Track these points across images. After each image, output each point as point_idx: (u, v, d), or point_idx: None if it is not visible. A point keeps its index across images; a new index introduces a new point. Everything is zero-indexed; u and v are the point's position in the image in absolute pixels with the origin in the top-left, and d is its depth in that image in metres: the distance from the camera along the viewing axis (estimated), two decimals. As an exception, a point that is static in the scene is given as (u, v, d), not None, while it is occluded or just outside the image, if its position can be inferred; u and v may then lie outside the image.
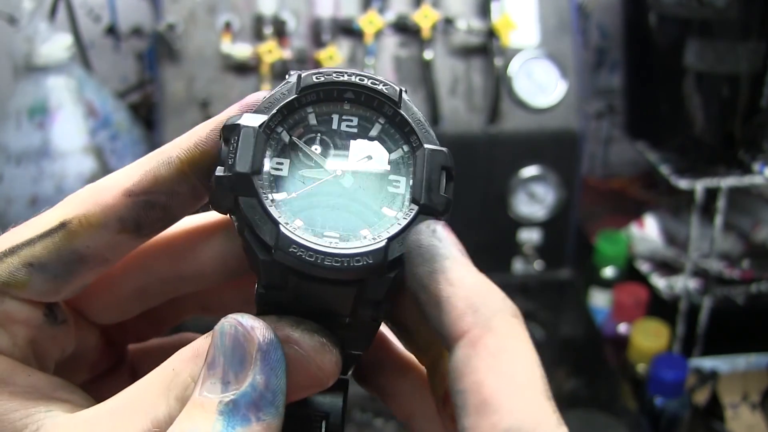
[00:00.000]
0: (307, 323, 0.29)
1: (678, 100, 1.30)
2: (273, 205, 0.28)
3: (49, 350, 0.31)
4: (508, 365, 0.25)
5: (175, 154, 0.30)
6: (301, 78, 0.29)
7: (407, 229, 0.29)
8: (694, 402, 1.23)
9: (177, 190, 0.30)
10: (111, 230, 0.29)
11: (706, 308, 1.30)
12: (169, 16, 1.19)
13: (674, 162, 1.30)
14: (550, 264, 1.29)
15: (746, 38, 1.22)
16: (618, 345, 1.26)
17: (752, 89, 1.25)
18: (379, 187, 0.30)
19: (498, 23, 1.19)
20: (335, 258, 0.28)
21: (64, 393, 0.30)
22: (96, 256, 0.30)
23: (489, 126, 1.22)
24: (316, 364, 0.28)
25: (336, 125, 0.30)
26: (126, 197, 0.29)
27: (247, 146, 0.28)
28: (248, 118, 0.29)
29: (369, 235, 0.29)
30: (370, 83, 0.30)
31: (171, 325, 0.37)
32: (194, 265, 0.32)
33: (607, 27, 1.61)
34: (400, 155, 0.30)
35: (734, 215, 1.41)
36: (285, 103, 0.29)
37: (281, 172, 0.29)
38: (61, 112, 1.19)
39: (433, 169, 0.30)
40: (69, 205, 0.29)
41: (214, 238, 0.32)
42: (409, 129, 0.30)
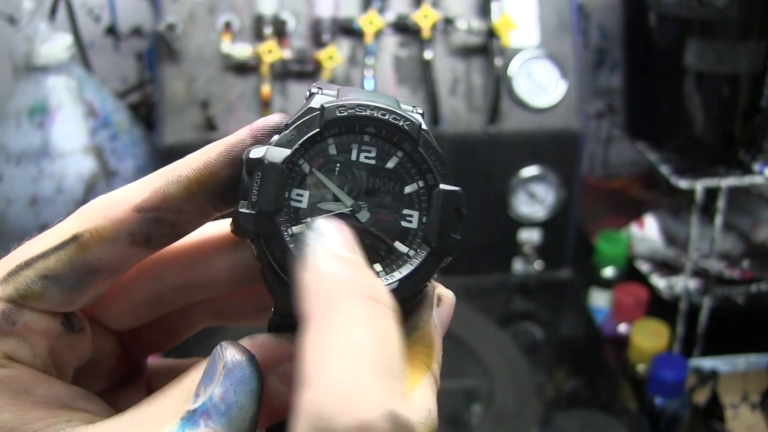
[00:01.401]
0: None
1: (678, 100, 1.30)
2: (292, 241, 0.29)
3: (68, 359, 0.32)
4: (336, 344, 0.25)
5: (184, 174, 0.30)
6: (325, 111, 0.30)
7: (419, 271, 0.30)
8: (694, 402, 1.23)
9: (185, 208, 0.31)
10: (121, 243, 0.30)
11: (706, 308, 1.30)
12: (169, 16, 1.19)
13: (674, 162, 1.30)
14: (550, 264, 1.29)
15: (746, 38, 1.22)
16: (618, 345, 1.26)
17: (752, 89, 1.25)
18: (393, 222, 0.31)
19: (498, 23, 1.19)
20: None
21: (84, 403, 0.30)
22: (107, 267, 0.30)
23: (489, 126, 1.22)
24: None
25: (355, 156, 0.31)
26: (136, 213, 0.30)
27: (271, 183, 0.29)
28: (272, 152, 0.29)
29: (382, 271, 0.30)
30: (391, 119, 0.30)
31: (186, 335, 0.38)
32: (206, 274, 0.33)
33: (607, 27, 1.61)
34: (414, 189, 0.31)
35: (734, 215, 1.41)
36: (308, 138, 0.30)
37: (301, 204, 0.30)
38: (61, 112, 1.19)
39: (446, 211, 0.31)
40: (81, 218, 0.30)
41: (226, 249, 0.33)
42: (426, 167, 0.31)
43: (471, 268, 1.29)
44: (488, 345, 1.15)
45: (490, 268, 1.29)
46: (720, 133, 1.31)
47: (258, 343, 0.30)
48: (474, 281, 1.28)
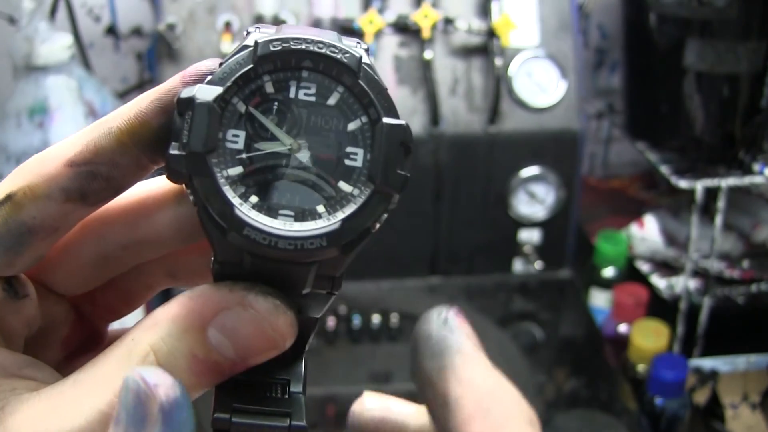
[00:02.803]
0: (261, 286, 0.29)
1: (678, 100, 1.30)
2: (227, 183, 0.28)
3: (14, 326, 0.31)
4: None
5: (115, 125, 0.29)
6: (258, 46, 0.29)
7: (363, 210, 0.29)
8: (694, 402, 1.23)
9: (118, 161, 0.29)
10: (55, 200, 0.29)
11: (706, 308, 1.30)
12: (169, 16, 1.19)
13: (674, 162, 1.30)
14: (550, 264, 1.29)
15: (746, 38, 1.22)
16: (618, 345, 1.26)
17: (752, 89, 1.25)
18: (336, 161, 0.29)
19: (498, 23, 1.19)
20: (289, 240, 0.28)
21: (30, 371, 0.30)
22: (44, 226, 0.29)
23: (489, 126, 1.22)
24: (271, 325, 0.28)
25: (294, 93, 0.29)
26: (68, 167, 0.29)
27: (202, 122, 0.28)
28: (203, 90, 0.28)
29: (324, 212, 0.29)
30: (329, 52, 0.29)
31: (143, 299, 0.36)
32: (151, 230, 0.32)
33: (607, 27, 1.61)
34: (358, 126, 0.29)
35: (734, 215, 1.41)
36: (241, 74, 0.28)
37: (237, 145, 0.29)
38: (61, 112, 1.19)
39: (392, 145, 0.29)
40: (15, 177, 0.29)
41: (168, 203, 0.32)
42: (368, 100, 0.29)
43: (471, 268, 1.29)
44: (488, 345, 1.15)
45: (490, 268, 1.29)
46: (720, 133, 1.31)
47: (197, 294, 0.29)
48: (474, 281, 1.28)
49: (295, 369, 0.31)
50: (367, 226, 0.29)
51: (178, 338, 0.28)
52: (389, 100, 0.29)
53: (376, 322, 1.17)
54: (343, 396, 1.09)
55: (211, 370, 0.28)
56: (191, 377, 0.28)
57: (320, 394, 1.08)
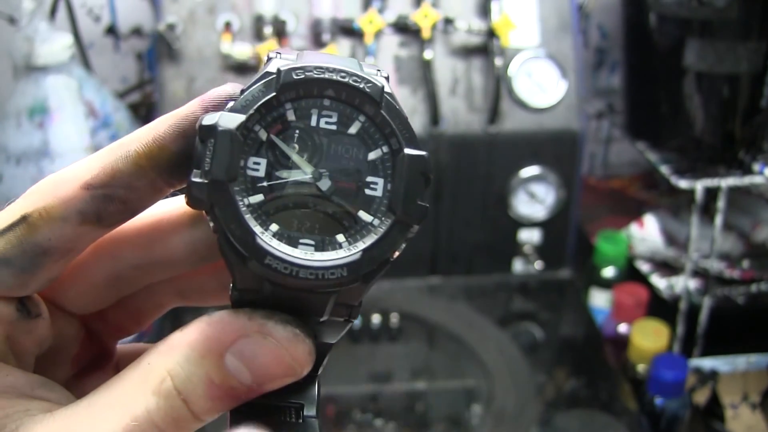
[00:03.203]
0: (281, 315, 0.29)
1: (678, 100, 1.30)
2: (249, 211, 0.28)
3: (27, 346, 0.31)
4: None
5: (133, 148, 0.29)
6: (281, 74, 0.29)
7: (383, 240, 0.29)
8: (694, 402, 1.23)
9: (135, 185, 0.29)
10: (72, 222, 0.29)
11: (706, 308, 1.30)
12: (169, 16, 1.19)
13: (674, 162, 1.30)
14: (550, 264, 1.29)
15: (746, 38, 1.22)
16: (618, 345, 1.26)
17: (752, 89, 1.25)
18: (356, 190, 0.29)
19: (498, 23, 1.19)
20: (310, 270, 0.28)
21: (43, 391, 0.30)
22: (59, 247, 0.29)
23: (489, 126, 1.22)
24: (290, 354, 0.28)
25: (315, 122, 0.29)
26: (85, 190, 0.29)
27: (224, 150, 0.28)
28: (225, 118, 0.28)
29: (345, 242, 0.29)
30: (351, 81, 0.29)
31: (152, 317, 0.36)
32: (165, 252, 0.32)
33: (607, 27, 1.61)
34: (379, 155, 0.29)
35: (734, 215, 1.41)
36: (263, 102, 0.29)
37: (258, 173, 0.29)
38: (61, 112, 1.19)
39: (413, 176, 0.29)
40: (29, 198, 0.29)
41: (184, 225, 0.32)
42: (389, 130, 0.29)
43: (471, 268, 1.29)
44: (488, 345, 1.15)
45: (490, 268, 1.29)
46: (720, 133, 1.31)
47: (215, 320, 0.29)
48: (474, 281, 1.28)
49: (308, 393, 0.32)
50: (387, 257, 0.29)
51: (195, 364, 0.28)
52: (410, 130, 0.29)
53: (376, 322, 1.17)
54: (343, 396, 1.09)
55: (227, 395, 0.28)
56: (207, 402, 0.28)
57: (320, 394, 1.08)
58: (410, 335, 1.19)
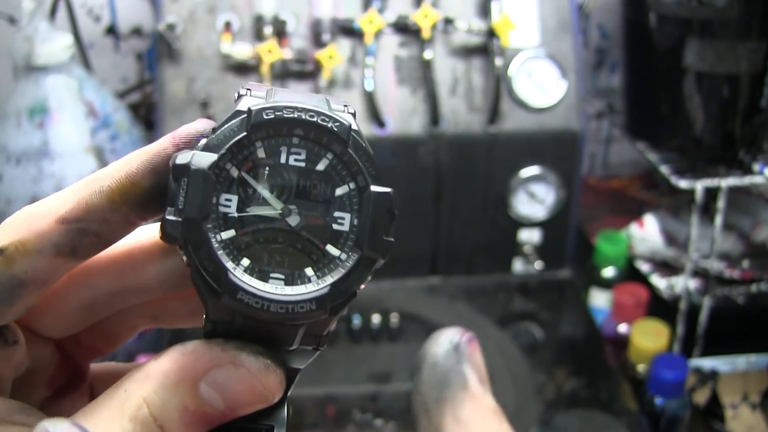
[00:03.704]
0: (253, 346, 0.30)
1: (678, 100, 1.30)
2: (221, 247, 0.29)
3: (4, 372, 0.31)
4: None
5: (107, 184, 0.30)
6: (252, 114, 0.30)
7: (350, 275, 0.30)
8: (694, 402, 1.23)
9: (108, 219, 0.30)
10: (47, 255, 0.30)
11: (706, 308, 1.30)
12: (169, 16, 1.19)
13: (674, 162, 1.30)
14: (550, 264, 1.29)
15: (746, 38, 1.22)
16: (618, 345, 1.26)
17: (752, 89, 1.25)
18: (324, 225, 0.30)
19: (498, 23, 1.19)
20: (280, 304, 0.29)
21: (21, 416, 0.30)
22: (35, 279, 0.30)
23: (489, 126, 1.22)
24: (262, 384, 0.30)
25: (284, 159, 0.30)
26: (59, 224, 0.30)
27: (197, 189, 0.29)
28: (198, 157, 0.29)
29: (313, 275, 0.30)
30: (320, 121, 0.30)
31: (125, 338, 0.37)
32: (138, 280, 0.33)
33: (607, 27, 1.61)
34: (346, 191, 0.30)
35: (734, 215, 1.41)
36: (234, 141, 0.29)
37: (229, 209, 0.30)
38: (61, 112, 1.19)
39: (378, 213, 0.30)
40: (5, 231, 0.30)
41: (156, 254, 0.33)
42: (356, 168, 0.30)
43: (471, 268, 1.29)
44: (488, 345, 1.15)
45: (490, 268, 1.29)
46: (720, 133, 1.31)
47: (189, 350, 0.30)
48: (474, 281, 1.28)
49: (278, 415, 0.33)
50: (353, 290, 0.30)
51: (170, 392, 0.29)
52: (376, 168, 0.30)
53: (376, 322, 1.17)
54: (343, 396, 1.09)
55: (201, 420, 0.30)
56: (182, 428, 0.29)
57: (320, 394, 1.08)
58: (410, 335, 1.19)
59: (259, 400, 0.30)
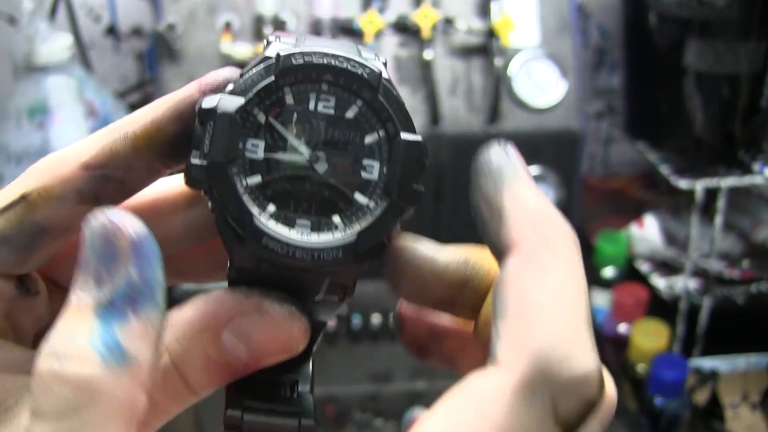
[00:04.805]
0: (277, 293, 0.29)
1: (678, 100, 1.30)
2: (246, 192, 0.29)
3: (26, 323, 0.31)
4: (556, 285, 0.26)
5: (131, 130, 0.30)
6: (280, 59, 0.29)
7: (378, 223, 0.29)
8: (694, 402, 1.23)
9: (133, 165, 0.30)
10: (70, 202, 0.29)
11: (706, 308, 1.30)
12: (169, 16, 1.19)
13: (674, 162, 1.30)
14: (550, 264, 1.29)
15: (746, 38, 1.22)
16: (618, 345, 1.26)
17: (752, 89, 1.25)
18: (352, 173, 0.30)
19: (498, 23, 1.19)
20: (306, 251, 0.29)
21: None
22: (57, 226, 0.30)
23: (489, 126, 1.22)
24: (286, 332, 0.29)
25: (313, 106, 0.30)
26: (83, 170, 0.29)
27: (223, 133, 0.28)
28: (225, 101, 0.28)
29: (340, 223, 0.29)
30: (350, 67, 0.29)
31: None
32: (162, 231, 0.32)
33: (607, 27, 1.61)
34: (375, 139, 0.30)
35: (734, 215, 1.41)
36: (262, 86, 0.29)
37: (256, 155, 0.29)
38: (61, 112, 1.19)
39: (409, 160, 0.30)
40: (29, 177, 0.30)
41: (181, 205, 0.33)
42: (386, 115, 0.30)
43: (471, 268, 1.29)
44: (488, 345, 1.15)
45: (490, 268, 1.29)
46: (720, 133, 1.31)
47: (212, 298, 0.29)
48: (474, 281, 1.28)
49: (303, 369, 0.32)
50: (381, 240, 0.30)
51: (192, 340, 0.28)
52: (407, 116, 0.30)
53: (376, 322, 1.17)
54: (343, 396, 1.09)
55: (224, 370, 0.29)
56: (203, 377, 0.29)
57: (320, 394, 1.08)
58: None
59: (284, 349, 0.29)
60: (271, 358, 0.29)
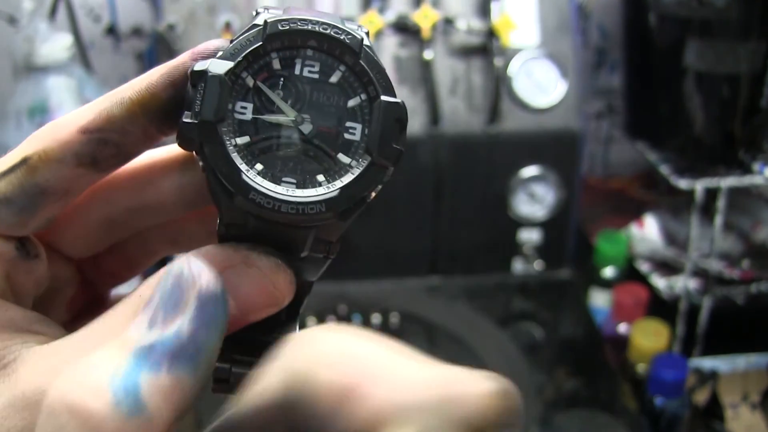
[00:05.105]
0: (264, 247, 0.31)
1: (678, 100, 1.30)
2: (235, 151, 0.30)
3: (25, 285, 0.32)
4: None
5: (127, 95, 0.31)
6: (268, 25, 0.31)
7: (360, 180, 0.31)
8: (694, 402, 1.23)
9: (128, 129, 0.31)
10: (68, 164, 0.31)
11: (706, 308, 1.30)
12: (169, 16, 1.19)
13: (674, 162, 1.30)
14: (550, 264, 1.29)
15: (746, 38, 1.22)
16: (618, 345, 1.26)
17: (752, 89, 1.25)
18: (336, 134, 0.31)
19: (498, 23, 1.19)
20: (291, 205, 0.30)
21: (40, 326, 0.31)
22: (57, 188, 0.31)
23: (489, 126, 1.22)
24: (272, 283, 0.30)
25: (299, 70, 0.31)
26: (81, 134, 0.31)
27: (213, 93, 0.30)
28: (215, 64, 0.30)
29: (324, 180, 0.31)
30: (333, 33, 0.31)
31: (145, 264, 0.38)
32: (156, 196, 0.34)
33: (607, 27, 1.61)
34: (357, 102, 0.31)
35: (734, 215, 1.41)
36: (250, 50, 0.31)
37: (244, 116, 0.31)
38: (61, 112, 1.19)
39: (388, 121, 0.31)
40: (30, 142, 0.31)
41: (173, 171, 0.34)
42: (367, 79, 0.31)
43: (471, 268, 1.29)
44: (488, 345, 1.15)
45: (490, 268, 1.29)
46: (720, 133, 1.31)
47: (202, 253, 0.30)
48: (474, 281, 1.28)
49: (290, 330, 0.34)
50: (363, 195, 0.31)
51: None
52: (387, 80, 0.31)
53: (376, 322, 1.17)
54: (343, 396, 1.09)
55: None
56: None
57: (320, 394, 1.08)
58: (410, 335, 1.19)
59: (270, 302, 0.30)
60: (259, 312, 0.30)
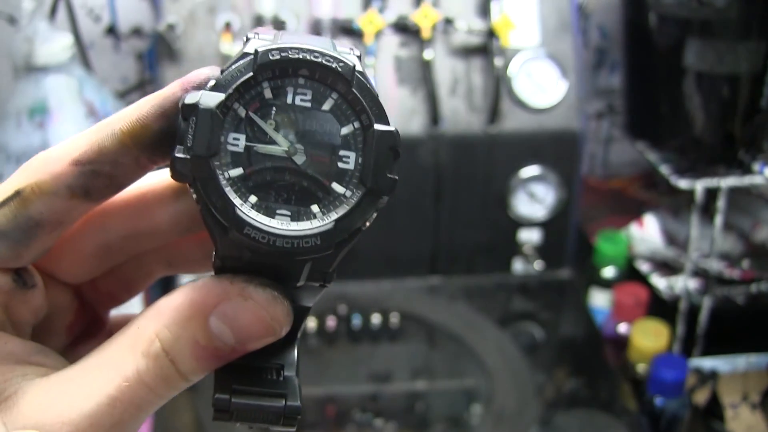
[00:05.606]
0: (261, 278, 0.31)
1: (678, 100, 1.30)
2: (229, 184, 0.30)
3: (24, 315, 0.33)
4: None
5: (118, 127, 0.31)
6: (258, 55, 0.30)
7: (354, 211, 0.31)
8: (694, 402, 1.23)
9: (120, 161, 0.31)
10: (62, 196, 0.31)
11: (706, 308, 1.30)
12: (169, 16, 1.19)
13: (674, 162, 1.30)
14: (550, 264, 1.29)
15: (746, 38, 1.22)
16: (618, 345, 1.26)
17: (752, 89, 1.25)
18: (329, 163, 0.31)
19: (498, 23, 1.19)
20: (286, 239, 0.30)
21: (39, 357, 0.31)
22: (50, 220, 0.31)
23: (489, 126, 1.22)
24: (270, 315, 0.31)
25: (291, 99, 0.31)
26: (73, 166, 0.31)
27: (205, 127, 0.30)
28: (206, 96, 0.30)
29: (319, 212, 0.31)
30: (324, 61, 0.31)
31: (142, 286, 0.38)
32: (151, 223, 0.35)
33: (607, 27, 1.61)
34: (350, 130, 0.31)
35: (734, 215, 1.41)
36: (242, 81, 0.30)
37: (237, 148, 0.30)
38: (61, 112, 1.19)
39: (382, 150, 0.31)
40: (22, 174, 0.31)
41: (167, 198, 0.34)
42: (360, 107, 0.31)
43: (471, 268, 1.29)
44: (488, 345, 1.15)
45: (490, 268, 1.29)
46: (720, 133, 1.31)
47: (199, 285, 0.31)
48: (474, 281, 1.28)
49: (288, 355, 0.34)
50: (358, 226, 0.31)
51: (181, 326, 0.30)
52: (380, 107, 0.31)
53: (376, 322, 1.17)
54: (343, 396, 1.09)
55: (212, 355, 0.30)
56: (193, 362, 0.30)
57: (320, 394, 1.08)
58: (410, 335, 1.19)
59: (268, 332, 0.31)
60: (257, 341, 0.31)
